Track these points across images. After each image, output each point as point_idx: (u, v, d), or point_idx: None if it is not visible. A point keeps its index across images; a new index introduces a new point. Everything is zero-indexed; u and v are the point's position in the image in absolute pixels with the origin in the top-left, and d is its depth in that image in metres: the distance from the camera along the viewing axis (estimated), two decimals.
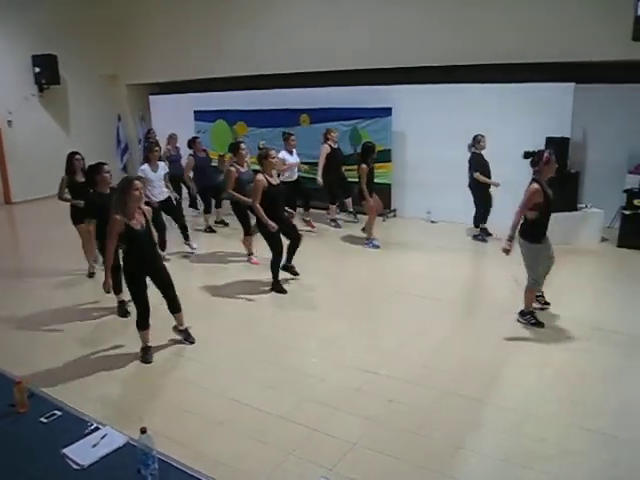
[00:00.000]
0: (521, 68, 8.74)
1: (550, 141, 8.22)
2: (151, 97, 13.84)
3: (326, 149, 9.32)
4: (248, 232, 7.64)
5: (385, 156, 10.04)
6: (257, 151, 7.37)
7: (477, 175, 8.28)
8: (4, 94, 12.27)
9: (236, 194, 7.35)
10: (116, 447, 2.55)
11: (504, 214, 6.15)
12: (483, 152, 8.40)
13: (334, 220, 9.79)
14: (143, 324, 4.91)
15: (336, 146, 9.52)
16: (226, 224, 9.82)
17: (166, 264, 5.29)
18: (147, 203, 6.99)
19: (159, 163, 7.65)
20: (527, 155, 5.46)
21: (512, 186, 8.37)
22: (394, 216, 10.33)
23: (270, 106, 11.00)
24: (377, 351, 5.07)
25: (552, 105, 8.55)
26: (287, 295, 6.54)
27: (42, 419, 2.75)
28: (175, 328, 5.29)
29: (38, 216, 11.14)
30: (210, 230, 9.64)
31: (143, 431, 2.35)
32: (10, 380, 3.01)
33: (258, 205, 6.37)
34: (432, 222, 9.76)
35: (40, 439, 2.62)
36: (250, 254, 7.74)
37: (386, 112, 9.91)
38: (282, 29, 11.31)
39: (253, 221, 7.16)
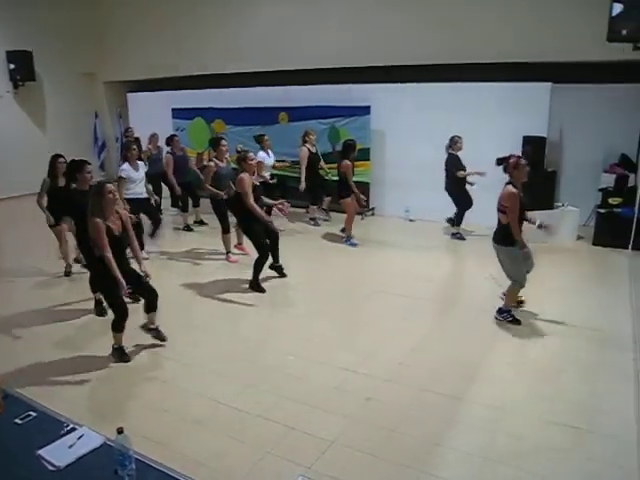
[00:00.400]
0: (499, 68, 8.82)
1: (527, 140, 8.33)
2: (129, 95, 13.72)
3: (305, 152, 9.29)
4: (227, 230, 7.67)
5: (364, 155, 10.05)
6: (235, 152, 7.35)
7: (460, 173, 8.34)
8: None
9: (212, 188, 7.37)
10: (93, 447, 2.53)
11: (484, 214, 6.20)
12: (459, 153, 8.46)
13: (313, 219, 9.81)
14: (120, 327, 4.85)
15: (314, 149, 9.51)
16: (205, 223, 9.79)
17: (145, 262, 5.25)
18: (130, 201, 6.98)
19: (138, 162, 7.55)
20: (499, 162, 5.53)
21: (490, 185, 8.48)
22: (372, 214, 10.37)
23: (249, 104, 10.97)
24: (355, 349, 5.09)
25: (529, 105, 8.67)
26: (267, 294, 6.54)
27: (17, 420, 2.71)
28: (145, 326, 5.27)
29: (15, 214, 10.96)
30: (188, 229, 9.60)
31: (120, 431, 2.34)
32: None
33: (253, 203, 6.37)
34: (410, 220, 9.82)
35: (15, 440, 2.59)
36: (228, 252, 7.76)
37: (365, 110, 9.94)
38: (261, 27, 11.29)
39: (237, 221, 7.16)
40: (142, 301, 5.25)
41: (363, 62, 10.14)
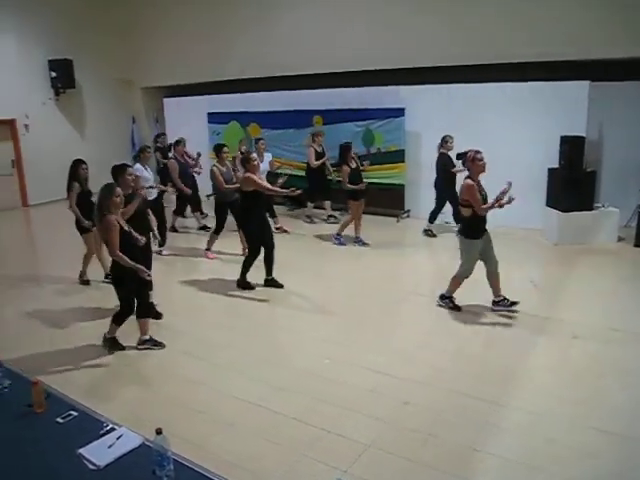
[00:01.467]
0: (536, 67, 8.69)
1: (565, 140, 8.17)
2: (165, 100, 13.92)
3: (312, 152, 9.72)
4: (218, 231, 8.08)
5: (398, 156, 10.03)
6: (271, 149, 7.51)
7: (455, 169, 8.45)
8: (22, 99, 12.45)
9: (230, 186, 7.59)
10: (132, 448, 2.56)
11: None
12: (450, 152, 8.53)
13: (309, 217, 10.23)
14: (119, 321, 5.10)
15: (320, 149, 9.81)
16: (209, 228, 9.95)
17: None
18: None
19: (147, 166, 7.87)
20: (458, 156, 5.90)
21: (524, 184, 8.37)
22: (408, 217, 10.30)
23: (283, 107, 11.03)
24: (390, 352, 5.05)
25: (567, 104, 8.49)
26: (291, 296, 6.57)
27: (58, 419, 2.77)
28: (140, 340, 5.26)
29: (53, 219, 11.21)
30: (174, 230, 9.73)
31: (158, 432, 2.36)
32: (27, 381, 3.04)
33: (269, 185, 6.74)
34: (446, 223, 9.71)
35: (57, 439, 2.64)
36: (207, 249, 8.20)
37: (399, 112, 9.89)
38: (294, 30, 11.35)
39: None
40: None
41: (396, 64, 10.10)
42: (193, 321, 5.99)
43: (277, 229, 9.21)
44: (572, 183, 8.03)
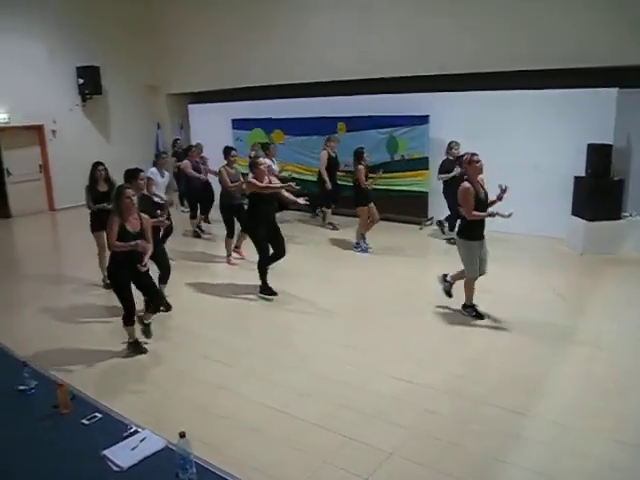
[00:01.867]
0: (561, 74, 8.59)
1: (592, 148, 8.06)
2: (190, 106, 14.06)
3: (325, 155, 9.74)
4: (231, 235, 8.17)
5: (422, 164, 10.00)
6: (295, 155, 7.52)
7: (440, 177, 8.67)
8: (49, 105, 12.68)
9: (236, 184, 7.82)
10: (155, 450, 2.58)
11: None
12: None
13: (331, 224, 10.27)
14: (129, 321, 5.19)
15: (334, 154, 9.84)
16: (204, 232, 10.19)
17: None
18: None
19: (165, 172, 8.01)
20: (457, 159, 5.91)
21: (549, 192, 8.32)
22: (431, 224, 10.23)
23: (307, 114, 11.05)
24: (413, 360, 5.01)
25: (594, 111, 8.37)
26: (309, 301, 6.55)
27: (84, 421, 2.80)
28: (140, 319, 5.45)
29: (78, 223, 11.33)
30: (200, 231, 10.03)
31: (182, 435, 2.37)
32: (53, 382, 3.09)
33: (268, 184, 6.66)
34: None
35: (81, 440, 2.67)
36: (229, 255, 8.24)
37: (423, 120, 9.85)
38: (318, 38, 11.39)
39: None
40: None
41: (420, 71, 10.07)
42: (209, 325, 6.02)
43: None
44: (599, 191, 7.92)
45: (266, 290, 6.68)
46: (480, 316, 5.85)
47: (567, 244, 8.42)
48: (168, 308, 6.22)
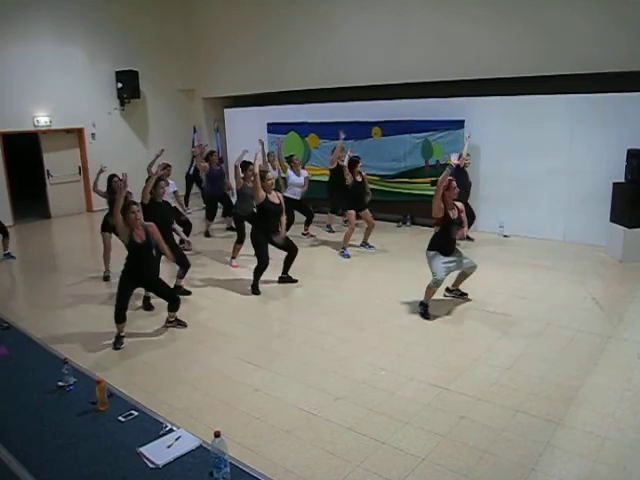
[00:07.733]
0: (599, 78, 8.43)
1: (632, 153, 7.89)
2: (226, 110, 14.20)
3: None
4: (241, 241, 8.34)
5: None
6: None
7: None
8: (89, 108, 13.02)
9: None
10: (190, 449, 2.62)
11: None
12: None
13: (329, 226, 10.45)
14: (119, 319, 5.51)
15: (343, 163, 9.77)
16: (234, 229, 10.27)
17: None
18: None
19: (170, 181, 8.35)
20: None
21: (587, 198, 8.14)
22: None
23: (342, 118, 11.04)
24: (447, 366, 4.96)
25: (634, 116, 8.19)
26: (340, 306, 6.60)
27: (120, 418, 2.86)
28: (166, 320, 5.99)
29: None
30: (207, 235, 10.32)
31: (217, 435, 2.40)
32: (91, 379, 3.15)
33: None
34: (505, 236, 9.52)
35: (118, 437, 2.72)
36: (232, 258, 8.43)
37: (458, 124, 9.76)
38: (353, 42, 11.40)
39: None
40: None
41: (455, 76, 10.00)
42: (243, 326, 6.11)
43: (304, 234, 9.87)
44: (639, 198, 7.75)
45: (255, 290, 7.09)
46: (427, 317, 6.04)
47: (607, 251, 8.25)
48: (187, 292, 6.94)
